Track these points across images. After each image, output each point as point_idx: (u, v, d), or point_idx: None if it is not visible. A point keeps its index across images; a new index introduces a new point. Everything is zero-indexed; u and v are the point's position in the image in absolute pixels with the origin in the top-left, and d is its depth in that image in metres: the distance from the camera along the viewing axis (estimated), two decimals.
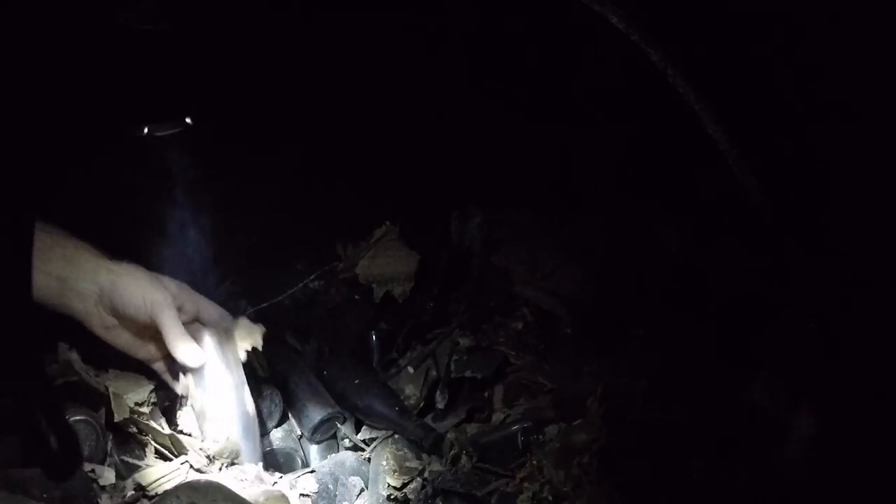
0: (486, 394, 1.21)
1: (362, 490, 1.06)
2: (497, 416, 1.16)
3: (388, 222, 1.48)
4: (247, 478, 0.93)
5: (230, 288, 1.46)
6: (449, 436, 1.12)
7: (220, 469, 0.95)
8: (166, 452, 0.95)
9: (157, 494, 0.85)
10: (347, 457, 1.12)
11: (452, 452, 1.08)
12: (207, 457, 0.94)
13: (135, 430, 0.95)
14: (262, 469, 0.99)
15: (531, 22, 1.35)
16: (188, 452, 0.96)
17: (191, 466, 0.93)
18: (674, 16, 0.92)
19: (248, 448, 0.99)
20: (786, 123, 1.14)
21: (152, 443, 0.95)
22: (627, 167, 1.35)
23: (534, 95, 1.43)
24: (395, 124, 1.44)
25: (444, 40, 1.37)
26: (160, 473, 0.89)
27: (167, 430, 0.98)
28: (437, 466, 1.08)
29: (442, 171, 1.49)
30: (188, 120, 0.94)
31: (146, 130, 0.93)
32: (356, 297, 1.47)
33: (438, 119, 1.45)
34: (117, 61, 0.83)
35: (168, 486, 0.88)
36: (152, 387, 1.01)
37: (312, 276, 1.47)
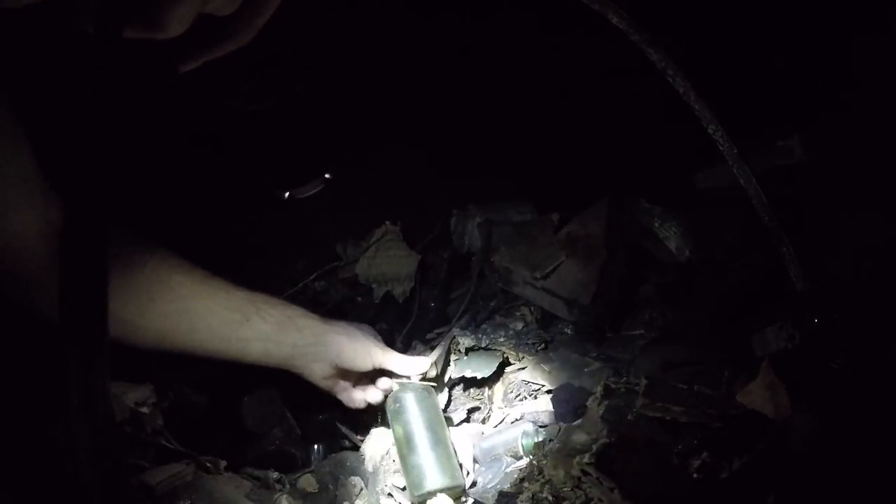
0: (486, 394, 1.21)
1: (361, 489, 1.06)
2: (497, 416, 1.16)
3: (388, 222, 1.48)
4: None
5: None
6: None
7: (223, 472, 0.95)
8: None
9: (161, 495, 0.85)
10: (347, 457, 1.13)
11: None
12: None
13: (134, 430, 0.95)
14: (269, 474, 0.99)
15: (531, 22, 1.35)
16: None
17: (195, 468, 0.93)
18: (674, 16, 0.92)
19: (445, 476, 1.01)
20: (785, 123, 1.14)
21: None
22: (628, 167, 1.36)
23: (533, 96, 1.44)
24: (394, 124, 1.44)
25: (443, 40, 1.37)
26: (165, 475, 0.89)
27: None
28: None
29: (442, 171, 1.49)
30: (327, 175, 1.03)
31: (287, 195, 1.03)
32: (356, 297, 1.47)
33: (438, 119, 1.46)
34: (246, 139, 0.92)
35: (172, 487, 0.88)
36: (153, 386, 1.01)
37: (312, 276, 1.47)
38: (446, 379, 1.23)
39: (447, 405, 1.21)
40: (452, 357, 1.26)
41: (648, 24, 0.83)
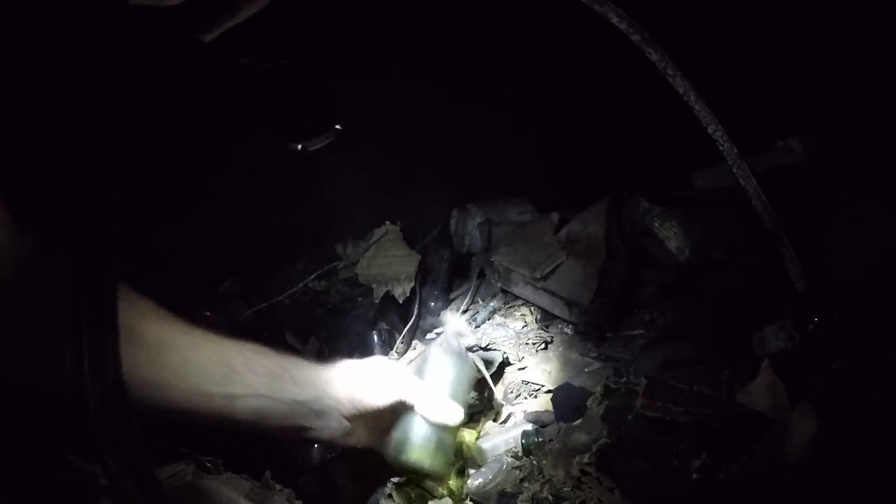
0: (486, 394, 1.21)
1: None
2: (497, 416, 1.16)
3: (388, 222, 1.48)
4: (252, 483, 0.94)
5: (230, 288, 1.46)
6: None
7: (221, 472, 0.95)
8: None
9: None
10: (346, 457, 1.12)
11: None
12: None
13: None
14: (268, 475, 0.99)
15: (530, 22, 1.35)
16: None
17: (195, 468, 0.93)
18: (673, 16, 0.92)
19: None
20: (785, 123, 1.14)
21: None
22: (628, 167, 1.35)
23: (534, 95, 1.43)
24: (394, 124, 1.44)
25: (442, 40, 1.37)
26: (165, 475, 0.89)
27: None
28: None
29: (442, 170, 1.49)
30: (337, 126, 0.98)
31: (300, 147, 0.97)
32: (356, 297, 1.47)
33: (437, 119, 1.45)
34: (260, 95, 0.90)
35: (172, 487, 0.87)
36: None
37: (312, 276, 1.47)
38: None
39: None
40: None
41: (648, 24, 0.83)
